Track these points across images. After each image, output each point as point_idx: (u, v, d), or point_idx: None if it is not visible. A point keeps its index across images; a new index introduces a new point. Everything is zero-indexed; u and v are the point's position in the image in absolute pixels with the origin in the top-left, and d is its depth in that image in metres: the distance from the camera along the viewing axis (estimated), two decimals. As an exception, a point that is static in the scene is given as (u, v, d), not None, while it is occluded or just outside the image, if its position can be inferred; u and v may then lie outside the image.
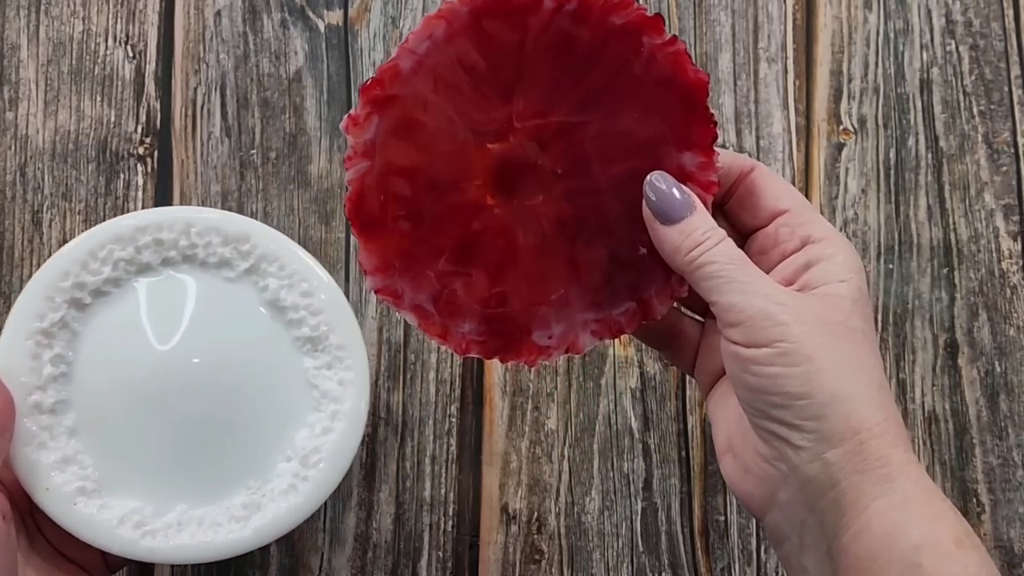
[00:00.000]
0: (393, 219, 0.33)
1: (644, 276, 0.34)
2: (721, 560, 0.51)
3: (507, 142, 0.33)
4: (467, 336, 0.34)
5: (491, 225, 0.34)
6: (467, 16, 0.32)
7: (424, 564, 0.51)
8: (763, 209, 0.35)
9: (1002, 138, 0.53)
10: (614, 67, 0.33)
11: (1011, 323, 0.52)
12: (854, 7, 0.54)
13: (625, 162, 0.33)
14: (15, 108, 0.53)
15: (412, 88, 0.32)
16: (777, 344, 0.30)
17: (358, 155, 0.33)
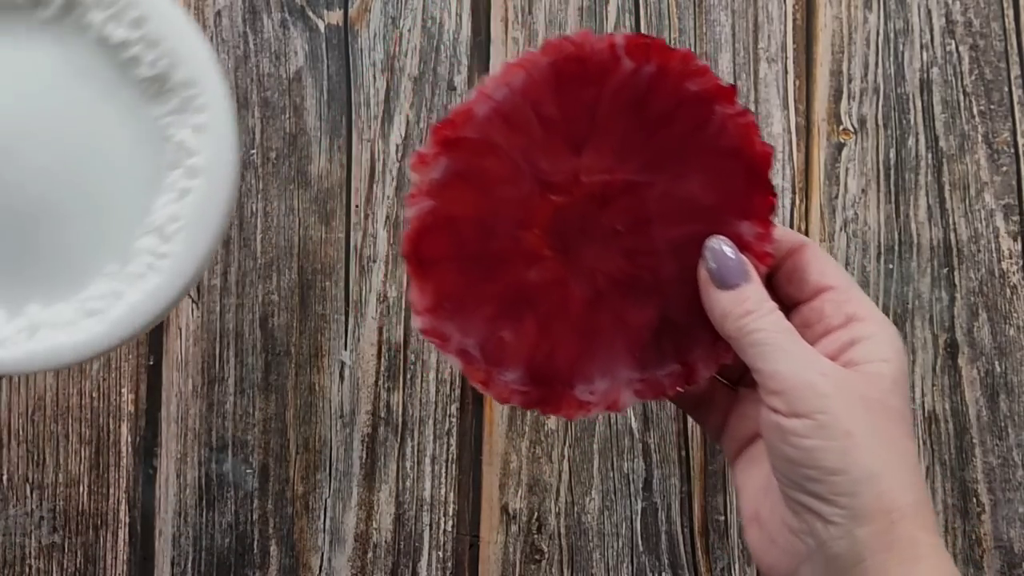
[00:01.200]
0: (449, 261, 0.33)
1: (691, 340, 0.34)
2: (721, 560, 0.51)
3: (570, 195, 0.34)
4: (510, 385, 0.34)
5: (546, 276, 0.34)
6: (547, 68, 0.33)
7: (424, 564, 0.51)
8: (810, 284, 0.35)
9: (1002, 138, 0.53)
10: (684, 132, 0.33)
11: (1011, 323, 0.52)
12: (854, 7, 0.54)
13: (685, 225, 0.34)
14: (15, 108, 0.53)
15: (483, 132, 0.33)
16: (817, 416, 0.30)
17: (421, 194, 0.33)
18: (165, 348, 0.52)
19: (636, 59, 0.33)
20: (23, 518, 0.52)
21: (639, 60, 0.33)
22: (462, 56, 0.54)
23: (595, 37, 0.32)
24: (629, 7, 0.54)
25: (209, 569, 0.51)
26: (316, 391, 0.52)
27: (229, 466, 0.51)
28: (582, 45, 0.32)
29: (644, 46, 0.33)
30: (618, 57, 0.33)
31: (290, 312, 0.52)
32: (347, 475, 0.51)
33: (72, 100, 0.35)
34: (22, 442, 0.52)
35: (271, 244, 0.53)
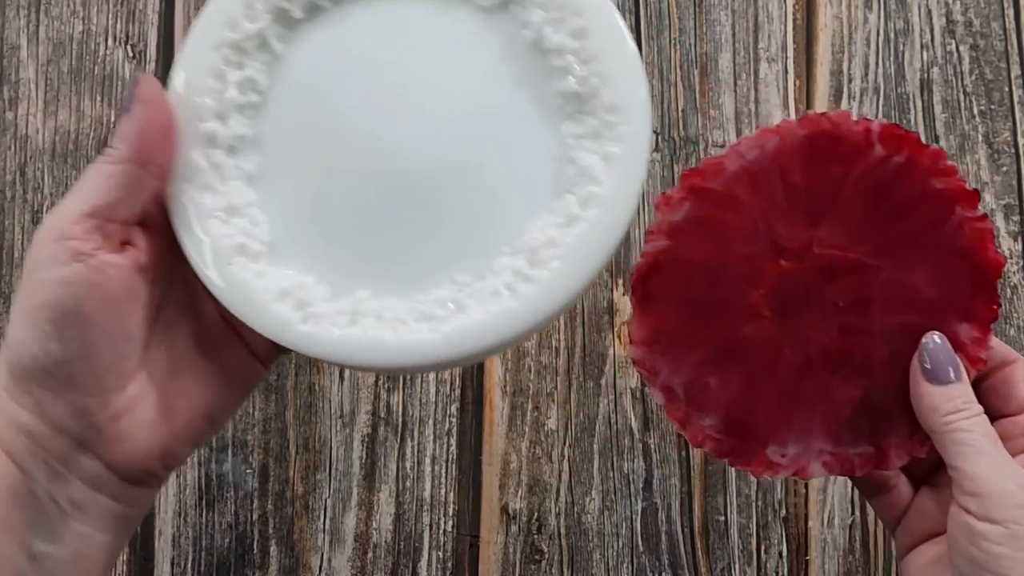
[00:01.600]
0: (672, 300, 0.35)
1: (889, 426, 0.35)
2: (721, 560, 0.50)
3: (800, 263, 0.35)
4: (706, 430, 0.35)
5: (761, 335, 0.35)
6: (801, 139, 0.34)
7: (424, 564, 0.51)
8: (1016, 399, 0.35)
9: (1002, 138, 0.53)
10: (921, 226, 0.34)
11: (1011, 323, 0.52)
12: (854, 7, 0.54)
13: (905, 314, 0.35)
14: (15, 108, 0.53)
15: (729, 187, 0.34)
16: (1011, 525, 0.31)
17: (660, 232, 0.34)
18: (165, 348, 0.52)
19: (888, 148, 0.34)
20: (23, 518, 0.51)
21: (891, 149, 0.34)
22: (462, 56, 0.54)
23: (852, 119, 0.34)
24: (629, 7, 0.54)
25: (209, 569, 0.51)
26: (316, 391, 0.52)
27: (229, 466, 0.51)
28: (839, 124, 0.34)
29: (898, 137, 0.34)
30: (871, 143, 0.34)
31: (290, 312, 0.52)
32: (347, 475, 0.51)
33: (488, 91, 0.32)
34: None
35: (271, 244, 0.53)
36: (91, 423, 0.30)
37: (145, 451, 0.31)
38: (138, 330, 0.31)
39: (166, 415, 0.32)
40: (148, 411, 0.31)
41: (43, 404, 0.30)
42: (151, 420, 0.31)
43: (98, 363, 0.30)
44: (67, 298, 0.29)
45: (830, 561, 0.50)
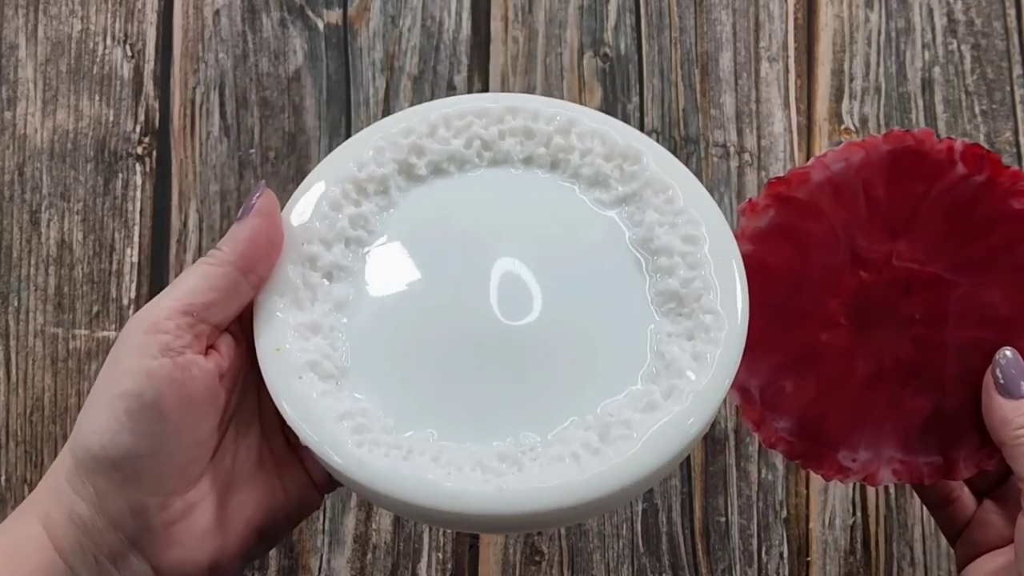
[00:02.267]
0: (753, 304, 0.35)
1: (958, 438, 0.36)
2: (722, 561, 0.50)
3: (879, 275, 0.36)
4: (779, 432, 0.36)
5: (837, 343, 0.36)
6: (886, 154, 0.35)
7: (424, 565, 0.51)
8: None
9: (1004, 137, 0.53)
10: (999, 244, 0.35)
11: (1013, 323, 0.52)
12: (855, 6, 0.54)
13: (978, 330, 0.36)
14: (13, 108, 0.53)
15: (813, 197, 0.35)
16: None
17: (744, 238, 0.35)
18: (164, 348, 0.52)
19: (970, 167, 0.35)
20: (21, 519, 0.51)
21: (972, 168, 0.35)
22: (462, 55, 0.54)
23: (935, 138, 0.35)
24: (630, 6, 0.54)
25: (208, 570, 0.51)
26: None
27: (228, 467, 0.51)
28: (923, 142, 0.35)
29: (980, 156, 0.35)
30: (954, 161, 0.35)
31: (289, 312, 0.52)
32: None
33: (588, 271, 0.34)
34: (20, 443, 0.52)
35: (270, 244, 0.53)
36: (148, 524, 0.30)
37: (195, 560, 0.31)
38: (209, 436, 0.31)
39: (221, 526, 0.32)
40: (204, 519, 0.31)
41: (103, 497, 0.29)
42: (206, 529, 0.31)
43: (166, 463, 0.30)
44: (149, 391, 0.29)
45: (831, 562, 0.50)
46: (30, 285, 0.52)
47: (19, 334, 0.52)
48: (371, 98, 0.53)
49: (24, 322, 0.52)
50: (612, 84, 0.53)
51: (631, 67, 0.54)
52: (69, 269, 0.52)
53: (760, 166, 0.53)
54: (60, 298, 0.52)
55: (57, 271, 0.52)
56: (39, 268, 0.52)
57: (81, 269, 0.52)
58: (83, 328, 0.52)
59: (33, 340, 0.52)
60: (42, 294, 0.52)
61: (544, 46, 0.54)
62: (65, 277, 0.52)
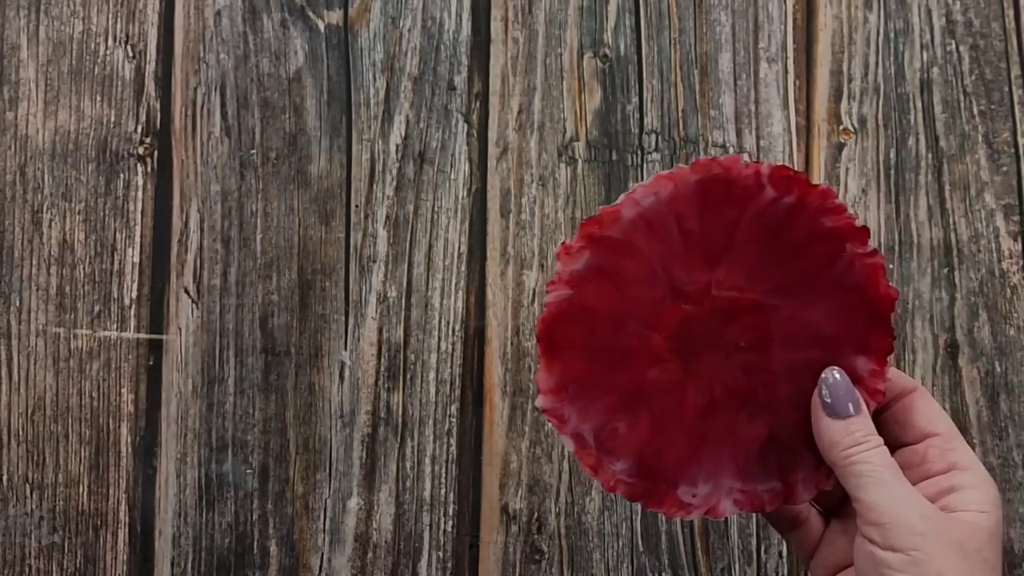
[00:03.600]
0: (577, 348, 0.35)
1: (795, 461, 0.36)
2: (721, 560, 0.50)
3: (700, 305, 0.36)
4: (617, 474, 0.36)
5: (666, 377, 0.36)
6: (694, 184, 0.35)
7: (424, 564, 0.51)
8: (915, 428, 0.36)
9: (1002, 138, 0.53)
10: (815, 264, 0.35)
11: (1011, 323, 0.52)
12: (854, 7, 0.54)
13: (804, 351, 0.36)
14: (15, 108, 0.53)
15: (627, 235, 0.35)
16: (912, 552, 0.32)
17: (562, 282, 0.35)
18: (165, 348, 0.52)
19: (778, 189, 0.35)
20: (23, 518, 0.52)
21: (781, 191, 0.35)
22: (462, 56, 0.54)
23: (743, 164, 0.35)
24: (629, 7, 0.54)
25: (209, 569, 0.51)
26: (316, 391, 0.52)
27: (229, 466, 0.51)
28: (730, 168, 0.35)
29: (787, 178, 0.35)
30: (762, 185, 0.35)
31: (290, 312, 0.52)
32: (347, 475, 0.51)
33: None
34: (22, 442, 0.52)
35: (271, 244, 0.53)
36: None
37: None
38: None
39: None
40: None
41: None
42: None
43: None
44: None
45: (830, 561, 0.50)
46: (32, 285, 0.53)
47: (21, 334, 0.52)
48: (371, 99, 0.53)
49: (26, 322, 0.52)
50: (612, 85, 0.54)
51: (631, 68, 0.54)
52: (71, 269, 0.53)
53: (759, 166, 0.53)
54: (62, 298, 0.52)
55: (59, 271, 0.53)
56: (41, 268, 0.53)
57: (82, 269, 0.53)
58: (84, 328, 0.52)
59: (35, 340, 0.52)
60: (44, 294, 0.52)
61: (544, 47, 0.54)
62: (67, 277, 0.53)
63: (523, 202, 0.53)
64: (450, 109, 0.53)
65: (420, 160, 0.53)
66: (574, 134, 0.53)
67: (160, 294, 0.53)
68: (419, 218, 0.53)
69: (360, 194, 0.53)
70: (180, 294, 0.53)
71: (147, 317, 0.52)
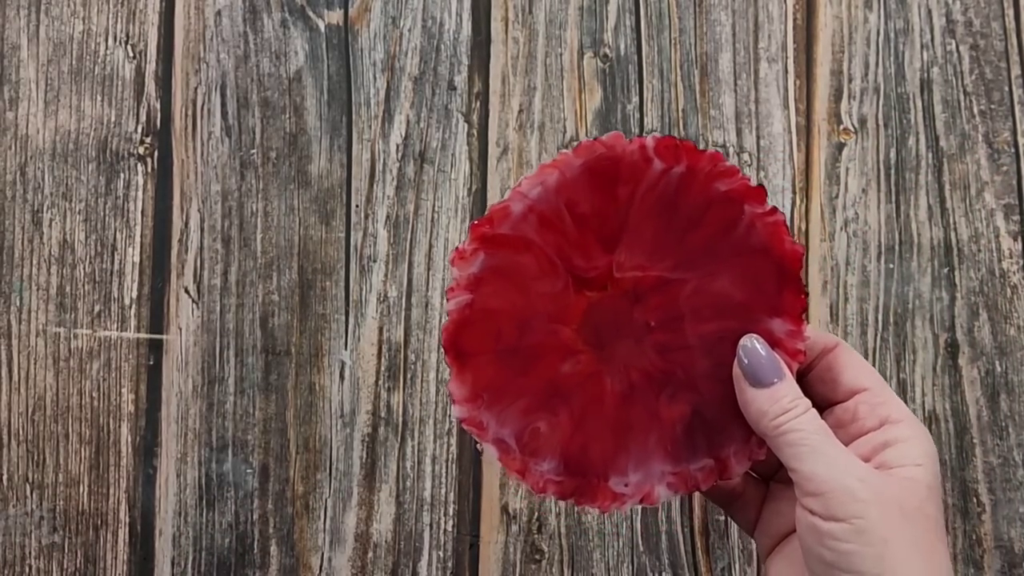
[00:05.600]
0: (486, 354, 0.35)
1: (724, 435, 0.35)
2: (721, 560, 0.50)
3: (604, 291, 0.35)
4: (545, 475, 0.35)
5: (580, 370, 0.35)
6: (579, 168, 0.34)
7: (424, 564, 0.51)
8: (843, 385, 0.35)
9: (1002, 138, 0.53)
10: (715, 231, 0.34)
11: (1011, 323, 0.52)
12: (854, 7, 0.54)
13: (717, 322, 0.35)
14: (15, 108, 0.53)
15: (520, 230, 0.34)
16: (855, 520, 0.31)
17: (460, 288, 0.34)
18: (165, 348, 0.52)
19: (666, 160, 0.34)
20: (23, 518, 0.52)
21: (669, 161, 0.34)
22: (462, 56, 0.54)
23: (625, 140, 0.34)
24: (629, 7, 0.54)
25: (209, 569, 0.51)
26: (316, 391, 0.52)
27: (229, 466, 0.51)
28: (613, 147, 0.34)
29: (673, 147, 0.34)
30: (649, 158, 0.34)
31: (290, 312, 0.52)
32: (347, 475, 0.51)
33: None
34: (22, 442, 0.52)
35: (271, 244, 0.53)
36: None
37: None
38: None
39: None
40: None
41: None
42: None
43: None
44: None
45: (830, 561, 0.50)
46: (32, 285, 0.53)
47: (21, 333, 0.52)
48: (372, 99, 0.54)
49: (26, 321, 0.52)
50: (612, 84, 0.54)
51: (631, 68, 0.54)
52: (71, 269, 0.53)
53: (759, 166, 0.53)
54: (62, 298, 0.52)
55: (59, 271, 0.53)
56: (41, 268, 0.53)
57: (83, 269, 0.53)
58: (85, 328, 0.52)
59: (35, 339, 0.52)
60: (44, 294, 0.52)
61: (544, 47, 0.54)
62: (67, 277, 0.53)
63: (523, 202, 0.53)
64: (450, 109, 0.53)
65: (420, 160, 0.53)
66: (574, 134, 0.53)
67: (160, 294, 0.53)
68: (419, 218, 0.53)
69: (360, 194, 0.53)
70: (180, 294, 0.53)
71: (147, 317, 0.52)
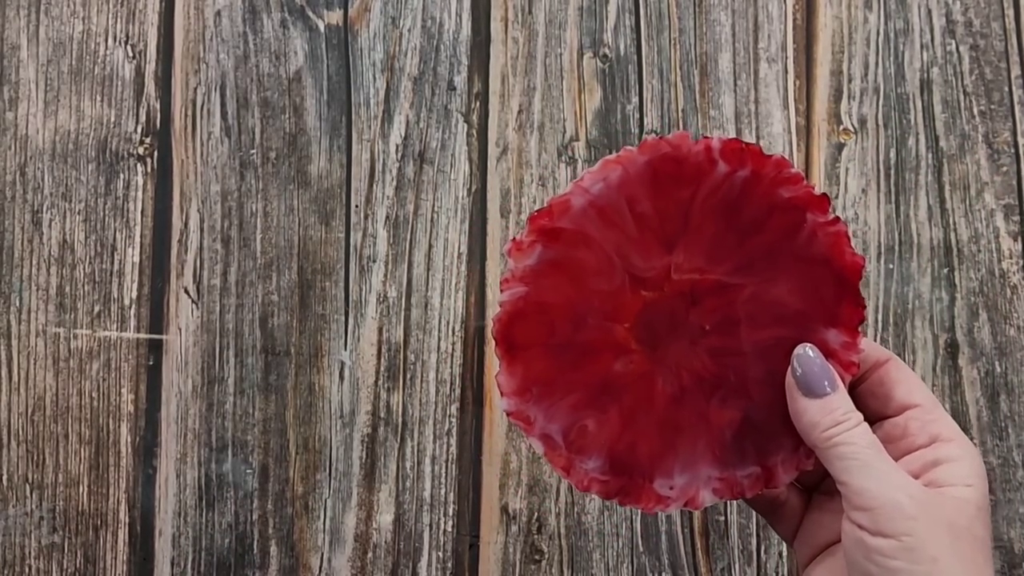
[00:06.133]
0: (538, 347, 0.34)
1: (773, 443, 0.35)
2: (721, 560, 0.50)
3: (661, 291, 0.34)
4: (590, 473, 0.34)
5: (632, 369, 0.34)
6: (643, 166, 0.33)
7: (424, 564, 0.51)
8: (895, 400, 0.35)
9: (1002, 138, 0.53)
10: (776, 237, 0.34)
11: (1011, 323, 0.52)
12: (854, 7, 0.54)
13: (772, 329, 0.34)
14: (15, 108, 0.53)
15: (579, 224, 0.34)
16: (904, 538, 0.30)
17: (515, 279, 0.34)
18: (165, 348, 0.52)
19: (731, 163, 0.33)
20: (23, 518, 0.52)
21: (734, 164, 0.33)
22: (462, 56, 0.54)
23: (691, 140, 0.33)
24: (629, 7, 0.54)
25: (209, 569, 0.51)
26: (316, 391, 0.52)
27: (229, 466, 0.51)
28: (679, 146, 0.33)
29: (740, 151, 0.33)
30: (714, 160, 0.33)
31: (290, 312, 0.52)
32: (347, 475, 0.51)
33: None
34: (22, 442, 0.52)
35: (271, 244, 0.53)
36: None
37: None
38: None
39: None
40: None
41: None
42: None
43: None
44: None
45: (830, 561, 0.50)
46: (32, 285, 0.53)
47: (21, 334, 0.52)
48: (371, 99, 0.53)
49: (26, 322, 0.52)
50: (611, 85, 0.54)
51: (630, 68, 0.54)
52: (71, 269, 0.53)
53: (759, 166, 0.53)
54: (62, 298, 0.52)
55: (59, 271, 0.53)
56: (41, 268, 0.53)
57: (82, 269, 0.53)
58: (84, 328, 0.52)
59: (35, 340, 0.52)
60: (44, 294, 0.52)
61: (544, 47, 0.54)
62: (67, 277, 0.53)
63: (523, 202, 0.53)
64: (450, 109, 0.53)
65: (420, 160, 0.53)
66: (574, 134, 0.53)
67: (160, 294, 0.53)
68: (419, 218, 0.53)
69: (360, 194, 0.53)
70: (180, 294, 0.53)
71: (147, 317, 0.52)
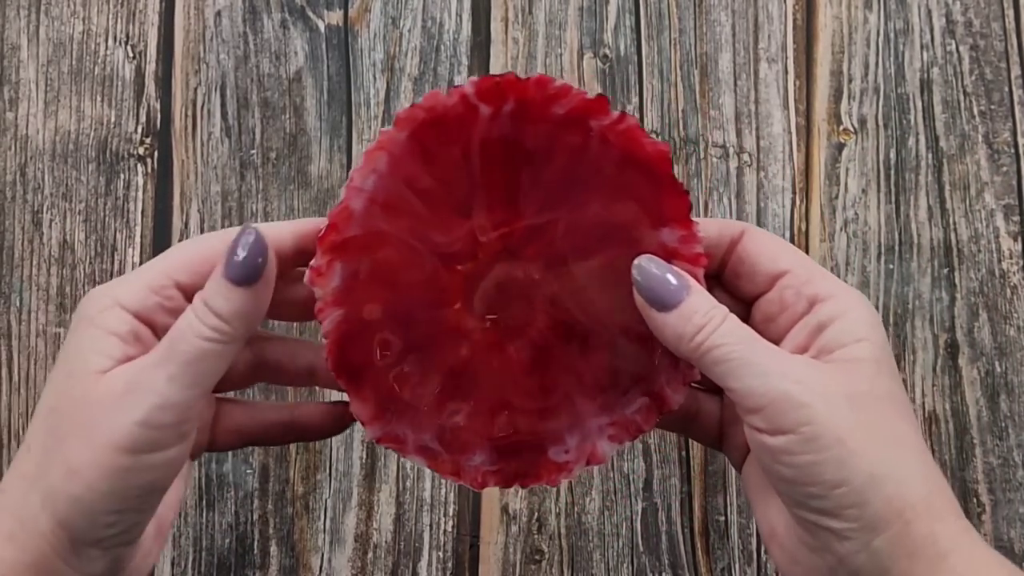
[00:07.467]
0: (378, 363, 0.32)
1: (650, 367, 0.32)
2: (721, 560, 0.50)
3: (476, 259, 0.32)
4: (480, 468, 0.33)
5: (479, 348, 0.32)
6: (406, 140, 0.31)
7: (424, 564, 0.51)
8: (761, 274, 0.32)
9: (1002, 138, 0.53)
10: (568, 159, 0.31)
11: (1011, 323, 0.52)
12: (854, 7, 0.54)
13: (602, 253, 0.32)
14: (15, 108, 0.53)
15: (367, 226, 0.31)
16: (802, 429, 0.28)
17: (329, 305, 0.31)
18: (165, 348, 0.52)
19: (492, 102, 0.31)
20: (23, 518, 0.51)
21: (495, 102, 0.31)
22: (462, 56, 0.54)
23: (444, 95, 0.31)
24: (629, 7, 0.54)
25: (209, 569, 0.51)
26: (316, 391, 0.52)
27: (229, 466, 0.51)
28: (433, 107, 0.31)
29: (495, 86, 0.31)
30: (473, 106, 0.31)
31: (290, 312, 0.52)
32: (347, 475, 0.51)
33: None
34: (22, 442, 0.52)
35: (271, 244, 0.53)
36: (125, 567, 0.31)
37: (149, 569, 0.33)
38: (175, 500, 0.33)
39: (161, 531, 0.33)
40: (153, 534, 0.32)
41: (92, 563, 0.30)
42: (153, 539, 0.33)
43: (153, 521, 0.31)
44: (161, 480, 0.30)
45: (830, 561, 0.50)
46: (32, 285, 0.53)
47: (21, 334, 0.52)
48: (372, 99, 0.54)
49: (26, 322, 0.52)
50: (612, 85, 0.54)
51: (631, 68, 0.54)
52: (71, 269, 0.53)
53: (759, 167, 0.53)
54: (62, 298, 0.52)
55: (59, 271, 0.53)
56: (41, 268, 0.53)
57: (83, 269, 0.53)
58: (85, 328, 0.52)
59: (35, 340, 0.52)
60: (44, 294, 0.52)
61: (544, 47, 0.54)
62: (67, 277, 0.53)
63: (523, 202, 0.53)
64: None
65: (420, 160, 0.53)
66: (574, 134, 0.53)
67: (160, 294, 0.52)
68: (419, 218, 0.53)
69: (360, 194, 0.53)
70: (180, 294, 0.52)
71: (147, 317, 0.52)
